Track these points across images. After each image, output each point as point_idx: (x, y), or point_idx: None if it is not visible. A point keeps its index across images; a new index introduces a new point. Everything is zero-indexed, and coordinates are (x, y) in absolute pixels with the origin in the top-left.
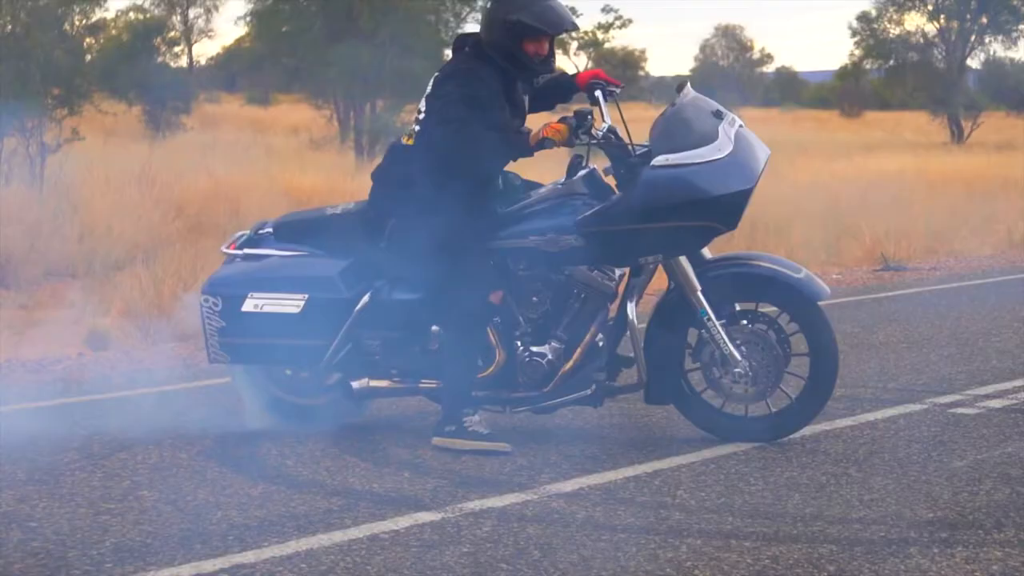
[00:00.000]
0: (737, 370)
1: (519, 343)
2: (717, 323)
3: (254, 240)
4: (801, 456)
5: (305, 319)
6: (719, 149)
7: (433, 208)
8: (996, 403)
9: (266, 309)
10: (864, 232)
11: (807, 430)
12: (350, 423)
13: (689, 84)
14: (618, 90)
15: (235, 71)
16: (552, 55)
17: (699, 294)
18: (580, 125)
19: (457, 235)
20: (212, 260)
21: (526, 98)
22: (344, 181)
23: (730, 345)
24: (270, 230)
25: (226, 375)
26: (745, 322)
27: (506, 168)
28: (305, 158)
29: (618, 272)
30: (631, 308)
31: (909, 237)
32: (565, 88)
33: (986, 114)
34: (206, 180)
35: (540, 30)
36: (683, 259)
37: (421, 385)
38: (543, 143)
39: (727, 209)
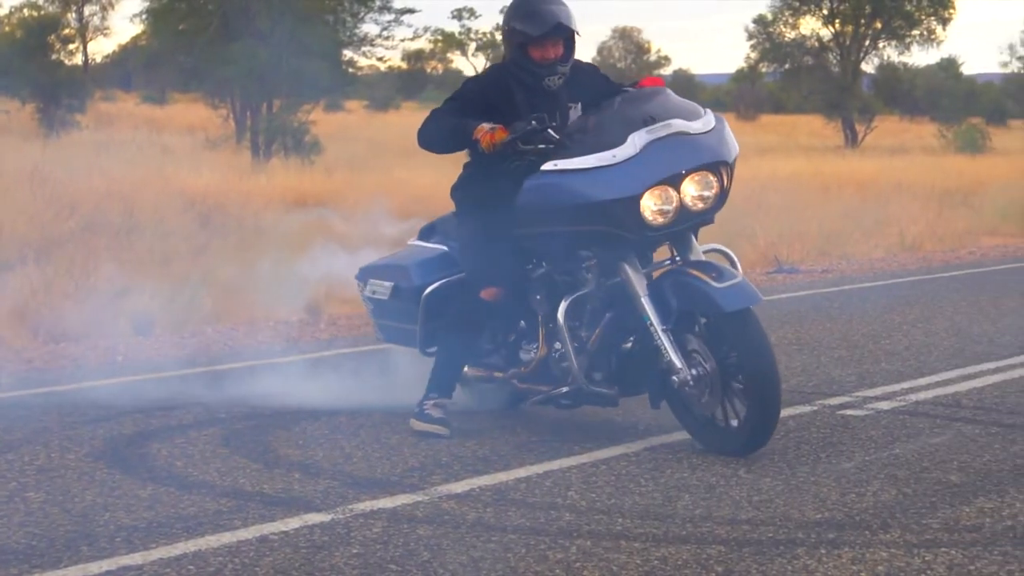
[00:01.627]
0: (674, 378)
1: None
2: (659, 329)
3: (426, 232)
4: (691, 457)
5: (392, 304)
6: (613, 156)
7: (458, 204)
8: (885, 405)
9: (375, 295)
10: (757, 235)
11: None
12: (238, 427)
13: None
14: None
15: (131, 69)
16: (566, 59)
17: (642, 300)
18: (526, 136)
19: (468, 230)
20: (105, 258)
21: (574, 105)
22: (239, 181)
23: (671, 352)
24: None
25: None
26: (698, 328)
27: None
28: (201, 157)
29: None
30: (561, 307)
31: (802, 240)
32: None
33: (880, 118)
34: (100, 179)
35: (527, 34)
36: (626, 264)
37: (503, 375)
38: (492, 145)
39: (614, 215)
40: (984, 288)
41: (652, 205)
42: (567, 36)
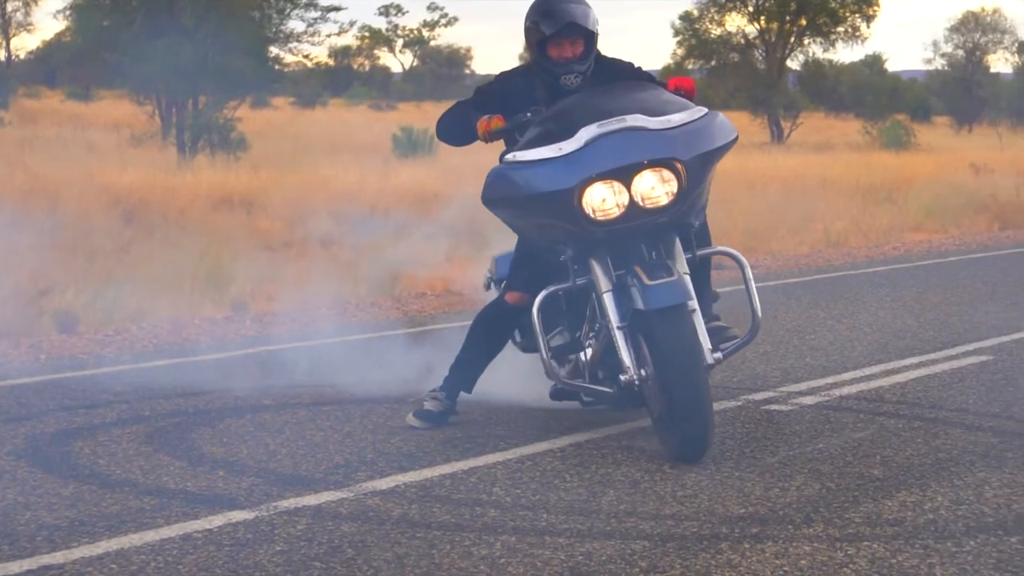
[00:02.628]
0: (622, 376)
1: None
2: (614, 327)
3: None
4: (616, 453)
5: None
6: (560, 149)
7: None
8: (809, 400)
9: (487, 280)
10: None
11: (624, 427)
12: (162, 424)
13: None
14: None
15: (55, 66)
16: (584, 58)
17: (603, 296)
18: (521, 128)
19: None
20: (28, 255)
21: None
22: (165, 178)
23: (622, 350)
24: None
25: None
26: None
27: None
28: (126, 154)
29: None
30: (536, 300)
31: (728, 236)
32: None
33: (805, 115)
34: (23, 176)
35: (541, 32)
36: (594, 259)
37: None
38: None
39: (553, 208)
40: (908, 283)
41: (593, 200)
42: (585, 35)
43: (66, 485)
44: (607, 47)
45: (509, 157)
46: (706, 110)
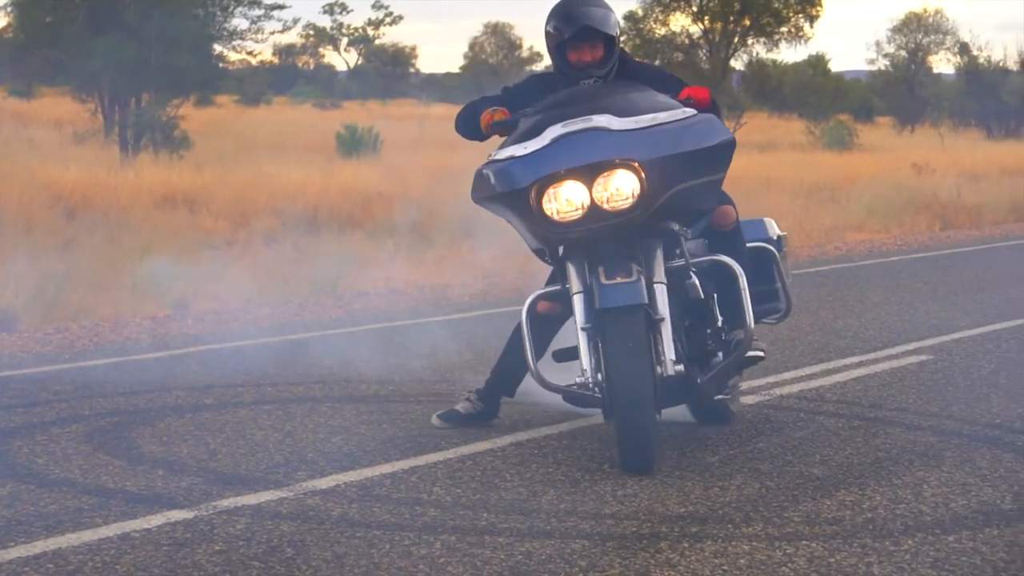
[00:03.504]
0: (578, 379)
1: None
2: (579, 327)
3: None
4: (557, 452)
5: None
6: (525, 147)
7: None
8: (749, 399)
9: None
10: None
11: (563, 426)
12: (102, 423)
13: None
14: None
15: None
16: (603, 62)
17: (573, 297)
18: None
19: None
20: None
21: None
22: (107, 175)
23: (582, 351)
24: None
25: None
26: None
27: None
28: (68, 152)
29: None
30: (526, 302)
31: None
32: None
33: (749, 115)
34: None
35: (558, 35)
36: (569, 261)
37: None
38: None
39: (514, 207)
40: (849, 283)
41: (549, 200)
42: (604, 39)
43: (3, 484)
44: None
45: (493, 154)
46: (692, 112)
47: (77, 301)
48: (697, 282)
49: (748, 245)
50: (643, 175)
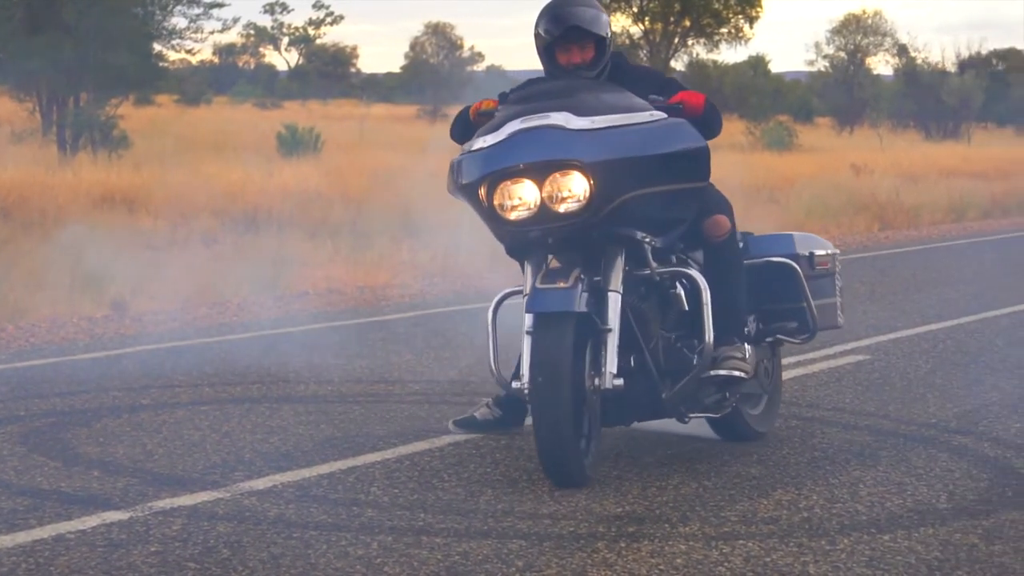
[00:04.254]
0: (514, 384)
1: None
2: (524, 332)
3: None
4: (495, 452)
5: None
6: (484, 140)
7: None
8: None
9: None
10: None
11: None
12: (37, 424)
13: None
14: None
15: None
16: (594, 64)
17: (525, 299)
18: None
19: None
20: None
21: None
22: (45, 175)
23: (523, 356)
24: None
25: None
26: None
27: None
28: (5, 152)
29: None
30: (492, 302)
31: None
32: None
33: None
34: None
35: (545, 36)
36: (527, 261)
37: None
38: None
39: (470, 201)
40: None
41: (500, 197)
42: (595, 40)
43: None
44: (493, 49)
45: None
46: (661, 116)
47: (13, 301)
48: (683, 293)
49: (770, 260)
50: (591, 177)
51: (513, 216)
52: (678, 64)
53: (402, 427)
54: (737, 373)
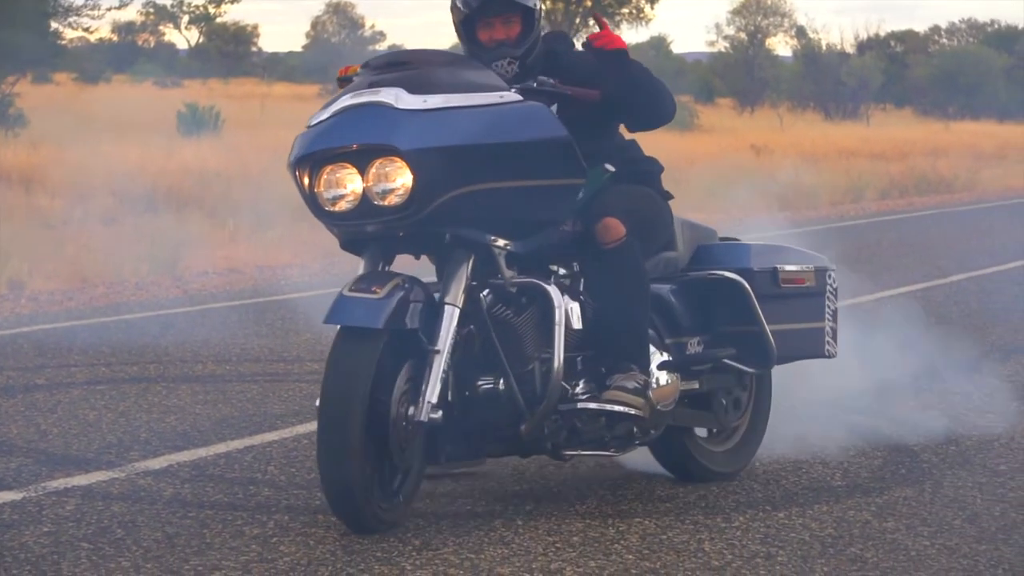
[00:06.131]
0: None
1: None
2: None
3: None
4: None
5: None
6: (317, 117)
7: None
8: None
9: None
10: None
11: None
12: None
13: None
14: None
15: None
16: (520, 40)
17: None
18: None
19: None
20: None
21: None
22: None
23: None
24: None
25: None
26: None
27: None
28: None
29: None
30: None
31: None
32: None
33: None
34: None
35: (460, 9)
36: (362, 257)
37: None
38: None
39: (295, 183)
40: None
41: (323, 184)
42: (521, 11)
43: None
44: (396, 28)
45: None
46: (514, 99)
47: None
48: (577, 309)
49: (713, 274)
50: (412, 166)
51: (337, 207)
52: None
53: (300, 406)
54: (619, 408)
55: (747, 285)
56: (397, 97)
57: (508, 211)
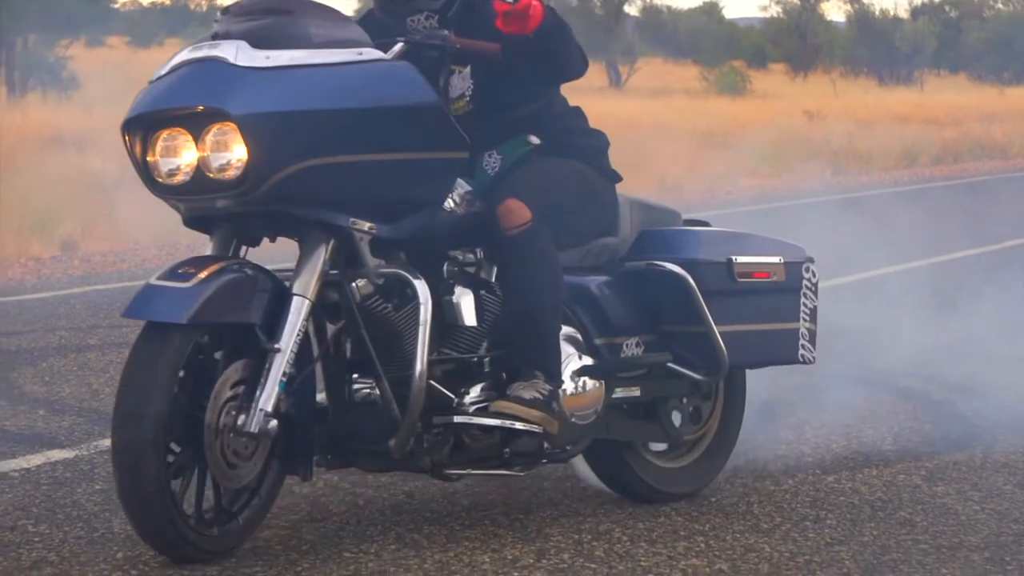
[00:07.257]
0: None
1: None
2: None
3: None
4: None
5: None
6: (156, 73)
7: None
8: None
9: None
10: None
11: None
12: None
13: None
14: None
15: None
16: None
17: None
18: None
19: None
20: None
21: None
22: None
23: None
24: None
25: None
26: None
27: None
28: None
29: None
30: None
31: None
32: None
33: (644, 60)
34: None
35: None
36: (210, 236)
37: None
38: None
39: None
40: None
41: (153, 152)
42: None
43: None
44: None
45: None
46: (374, 56)
47: None
48: (470, 302)
49: (653, 265)
50: (245, 134)
51: (171, 180)
52: (632, 9)
53: None
54: (506, 423)
55: (689, 278)
56: (237, 52)
57: (369, 189)
